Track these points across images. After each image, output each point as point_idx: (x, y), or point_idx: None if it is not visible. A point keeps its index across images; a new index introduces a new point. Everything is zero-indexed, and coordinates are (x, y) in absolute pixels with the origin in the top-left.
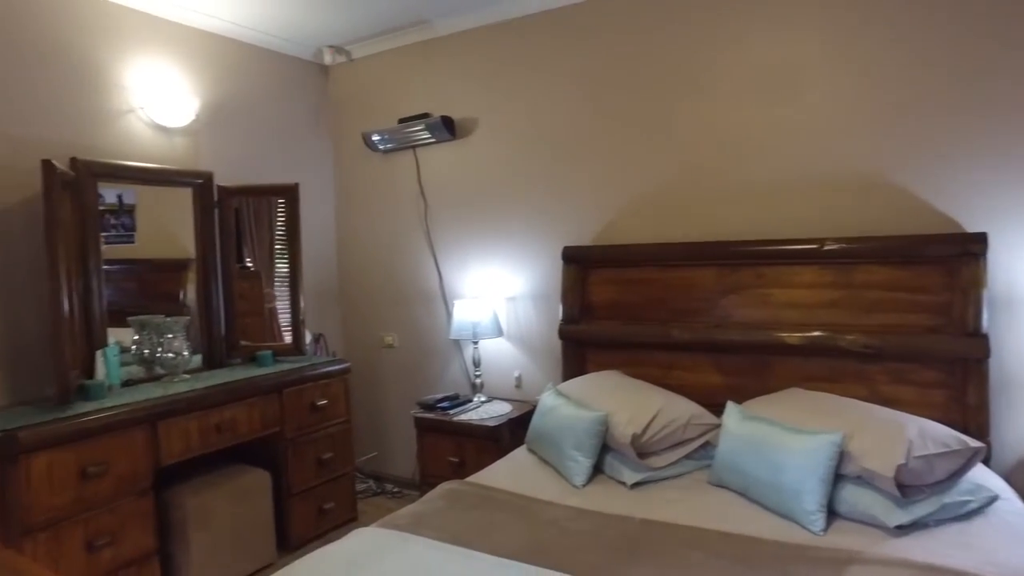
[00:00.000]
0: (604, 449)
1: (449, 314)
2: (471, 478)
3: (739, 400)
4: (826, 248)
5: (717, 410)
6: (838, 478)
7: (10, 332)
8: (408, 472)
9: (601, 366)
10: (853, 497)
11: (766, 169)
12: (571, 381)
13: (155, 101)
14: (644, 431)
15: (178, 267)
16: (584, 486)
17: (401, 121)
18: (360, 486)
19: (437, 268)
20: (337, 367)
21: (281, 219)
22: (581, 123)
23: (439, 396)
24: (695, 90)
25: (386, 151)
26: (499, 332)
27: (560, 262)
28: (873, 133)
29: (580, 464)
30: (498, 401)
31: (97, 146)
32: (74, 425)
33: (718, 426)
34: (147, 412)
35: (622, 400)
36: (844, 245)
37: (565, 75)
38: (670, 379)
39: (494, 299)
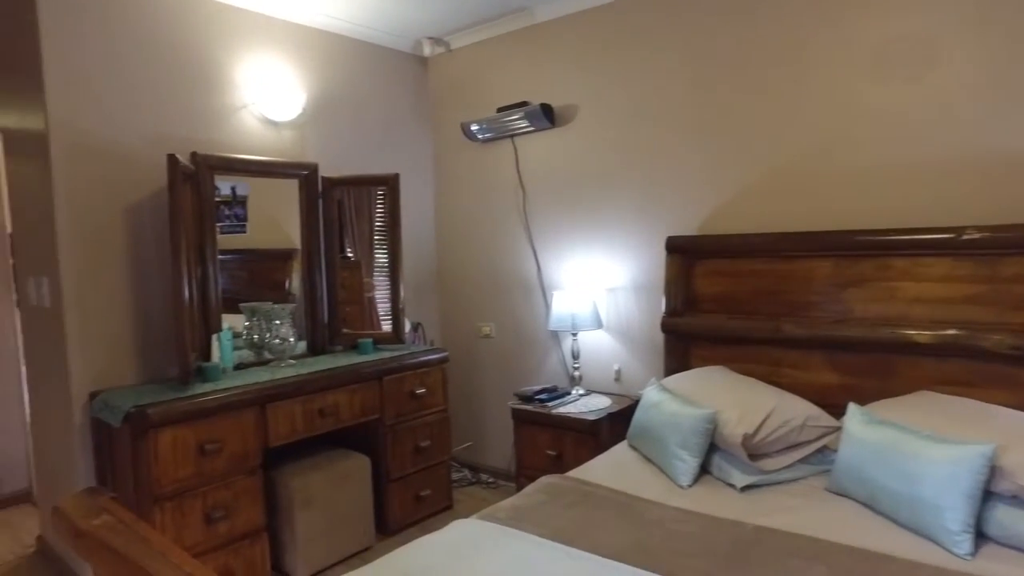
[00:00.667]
0: (711, 448)
1: (547, 305)
2: (571, 473)
3: (857, 402)
4: (965, 237)
5: (833, 411)
6: (987, 496)
7: (140, 316)
8: (504, 463)
9: (705, 361)
10: (1009, 519)
11: (893, 150)
12: (676, 376)
13: (265, 96)
14: (756, 431)
15: (284, 256)
16: (690, 486)
17: (500, 110)
18: (456, 475)
19: (535, 258)
20: (436, 356)
21: (381, 209)
22: (685, 107)
23: (537, 388)
24: (811, 65)
25: (484, 140)
26: (599, 324)
27: (663, 252)
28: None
29: (686, 463)
30: (597, 395)
31: (213, 140)
32: (194, 404)
33: (838, 429)
34: (257, 394)
35: (732, 398)
36: (989, 234)
37: (667, 57)
38: (779, 377)
39: (594, 290)
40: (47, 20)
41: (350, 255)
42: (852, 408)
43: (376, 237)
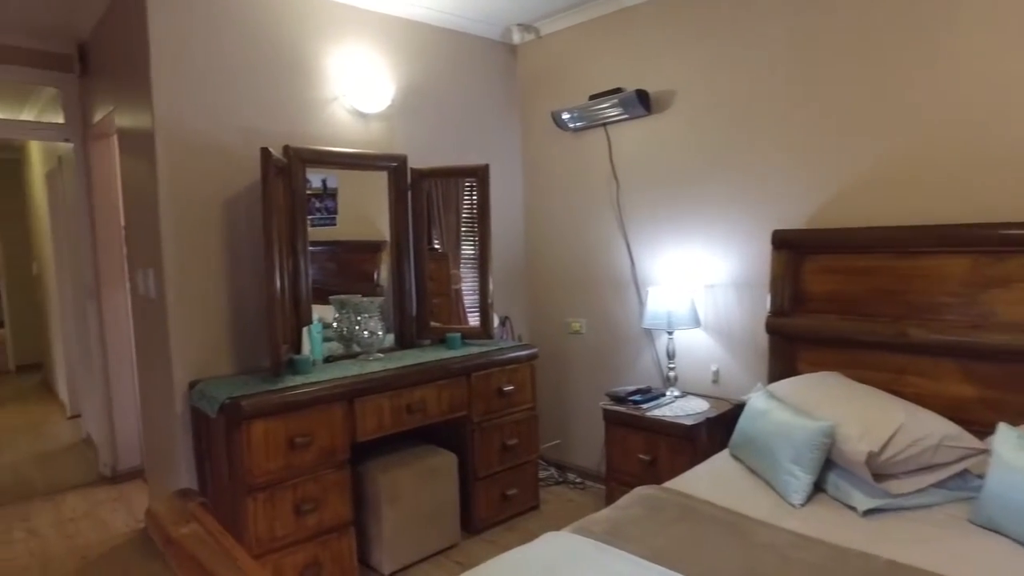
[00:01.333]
0: (827, 465)
1: (641, 301)
2: (670, 484)
3: (1000, 419)
4: None
5: (970, 428)
6: None
7: (235, 307)
8: (591, 463)
9: (814, 366)
10: None
11: None
12: (785, 382)
13: (355, 89)
14: (883, 449)
15: (372, 248)
16: (802, 505)
17: (592, 98)
18: (542, 473)
19: (629, 252)
20: (525, 352)
21: (468, 201)
22: (794, 88)
23: (631, 388)
24: (940, 33)
25: (576, 129)
26: (696, 322)
27: (768, 247)
28: None
29: (799, 480)
30: (693, 397)
31: (305, 133)
32: (285, 398)
33: (983, 452)
34: (346, 389)
35: (852, 409)
36: None
37: (774, 35)
38: (902, 386)
39: (691, 286)
40: (155, 24)
41: (437, 247)
42: (1004, 429)
43: (463, 228)
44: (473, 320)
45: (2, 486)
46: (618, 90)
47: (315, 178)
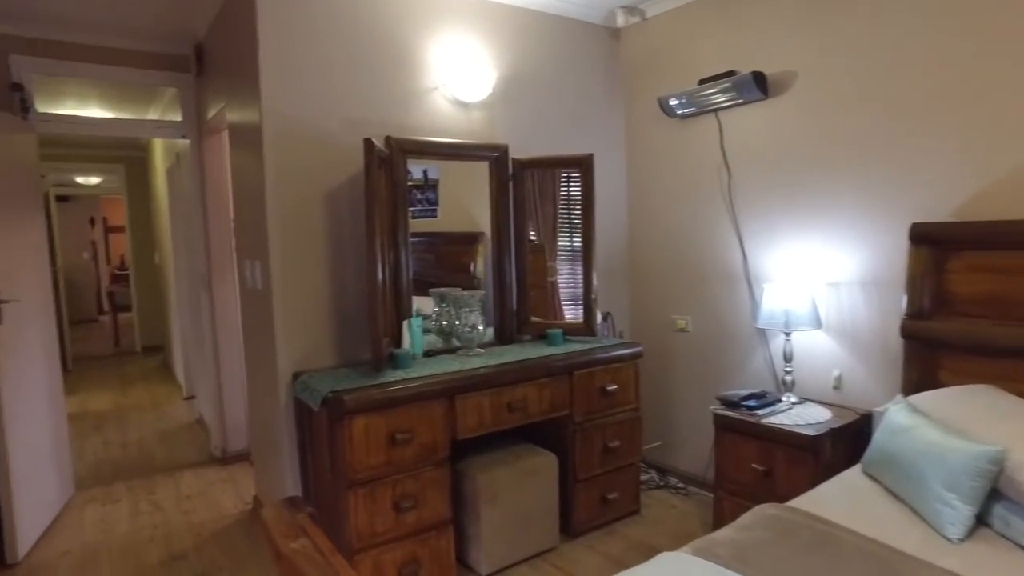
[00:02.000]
0: (992, 495)
1: (753, 298)
2: (796, 503)
3: None
4: None
5: None
6: None
7: (337, 299)
8: (696, 467)
9: (961, 376)
10: None
11: None
12: (929, 394)
13: (455, 77)
14: None
15: (470, 240)
16: (962, 541)
17: (702, 82)
18: (642, 476)
19: (741, 246)
20: (629, 351)
21: (565, 190)
22: (935, 65)
23: (744, 392)
24: None
25: (684, 116)
26: (817, 323)
27: (904, 242)
28: None
29: (956, 511)
30: (812, 404)
31: (405, 124)
32: (386, 393)
33: None
34: (447, 385)
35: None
36: None
37: (910, 4)
38: None
39: (811, 284)
40: (264, 20)
41: (533, 238)
42: None
43: (560, 220)
44: (569, 314)
45: (132, 461)
46: (731, 73)
47: (416, 169)
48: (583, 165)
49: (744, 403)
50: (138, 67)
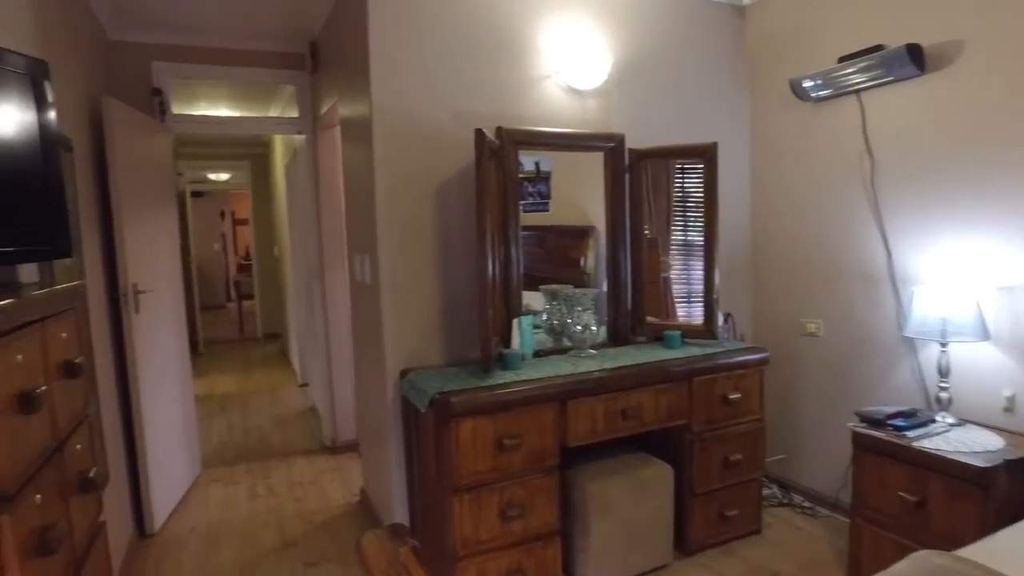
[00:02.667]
0: None
1: (899, 302)
2: (969, 552)
3: None
4: None
5: None
6: None
7: (445, 296)
8: (824, 486)
9: None
10: None
11: None
12: None
13: (569, 64)
14: None
15: (580, 234)
16: None
17: (842, 60)
18: (763, 491)
19: (884, 242)
20: (755, 357)
21: (680, 182)
22: None
23: (889, 409)
24: None
25: (819, 99)
26: (983, 333)
27: None
28: None
29: None
30: (976, 427)
31: (516, 114)
32: (496, 396)
33: None
34: (558, 389)
35: None
36: None
37: None
38: None
39: (977, 288)
40: (375, 12)
41: (647, 232)
42: None
43: (674, 213)
44: (681, 312)
45: (251, 444)
46: (878, 48)
47: (528, 160)
48: (706, 155)
49: (890, 421)
50: (260, 67)
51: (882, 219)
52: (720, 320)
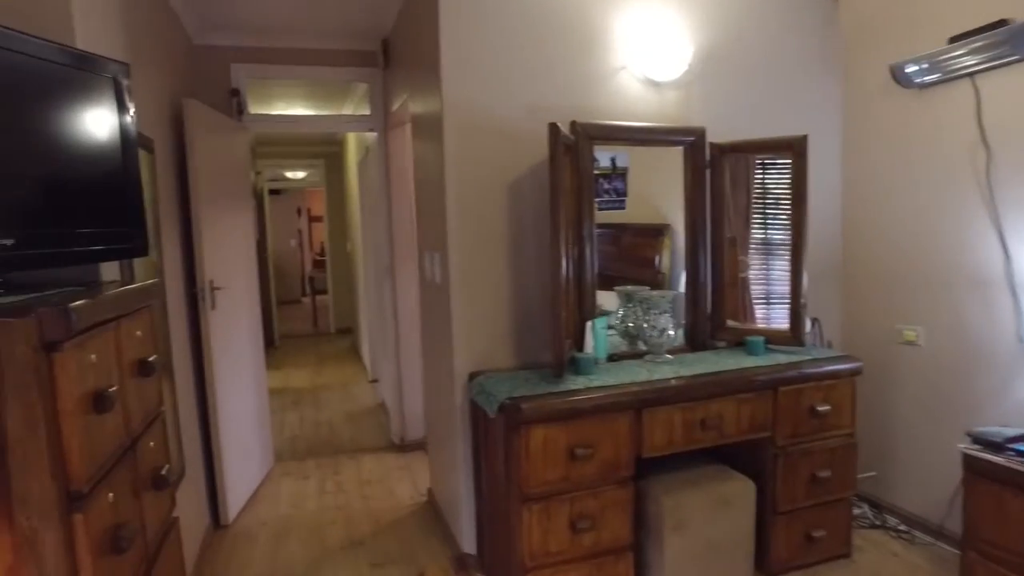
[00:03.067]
0: None
1: (1019, 310)
2: None
3: None
4: None
5: None
6: None
7: (516, 297)
8: (925, 510)
9: None
10: None
11: None
12: None
13: (646, 54)
14: None
15: (654, 233)
16: None
17: (953, 40)
18: (853, 511)
19: (1002, 243)
20: (846, 366)
21: (760, 178)
22: None
23: (1010, 432)
24: None
25: (924, 85)
26: None
27: None
28: None
29: None
30: None
31: (589, 107)
32: (568, 403)
33: None
34: (634, 397)
35: None
36: None
37: None
38: None
39: None
40: (445, 6)
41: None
42: None
43: (753, 210)
44: (760, 314)
45: (322, 439)
46: (1000, 23)
47: (603, 156)
48: (795, 148)
49: (1012, 446)
50: (333, 65)
51: (999, 217)
52: (809, 326)
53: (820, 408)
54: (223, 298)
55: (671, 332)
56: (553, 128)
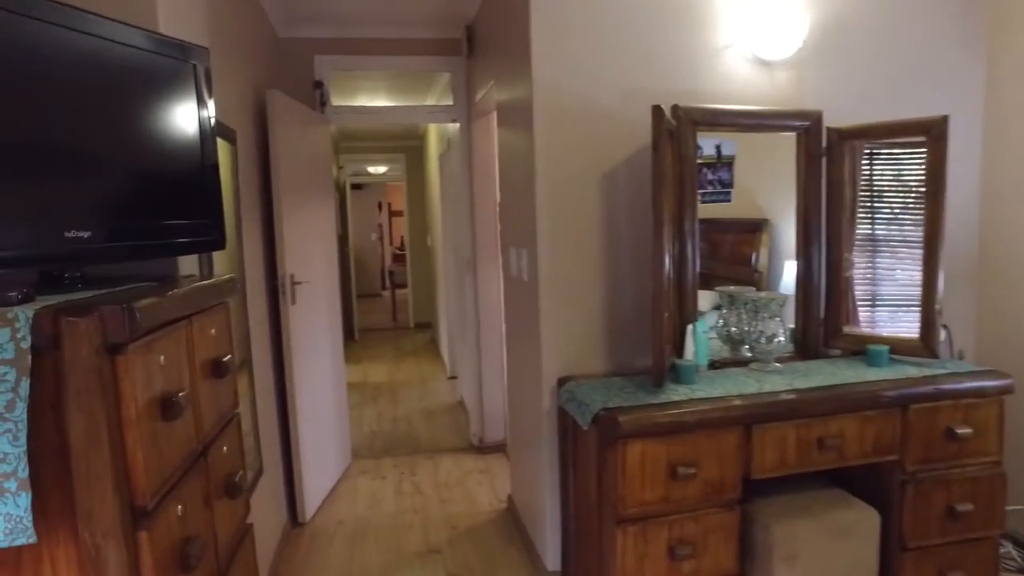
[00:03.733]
0: None
1: None
2: None
3: None
4: None
5: None
6: None
7: (611, 296)
8: None
9: None
10: None
11: None
12: None
13: (755, 31)
14: None
15: (753, 228)
16: None
17: None
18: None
19: None
20: (993, 383)
21: (867, 167)
22: None
23: None
24: None
25: None
26: None
27: None
28: None
29: None
30: None
31: (693, 91)
32: (670, 416)
33: None
34: (743, 412)
35: None
36: None
37: None
38: None
39: None
40: None
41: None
42: None
43: (859, 202)
44: (863, 316)
45: (399, 436)
46: None
47: (707, 144)
48: (931, 132)
49: None
50: (416, 55)
51: None
52: (943, 336)
53: (960, 431)
54: (303, 292)
55: (781, 339)
56: (657, 111)
